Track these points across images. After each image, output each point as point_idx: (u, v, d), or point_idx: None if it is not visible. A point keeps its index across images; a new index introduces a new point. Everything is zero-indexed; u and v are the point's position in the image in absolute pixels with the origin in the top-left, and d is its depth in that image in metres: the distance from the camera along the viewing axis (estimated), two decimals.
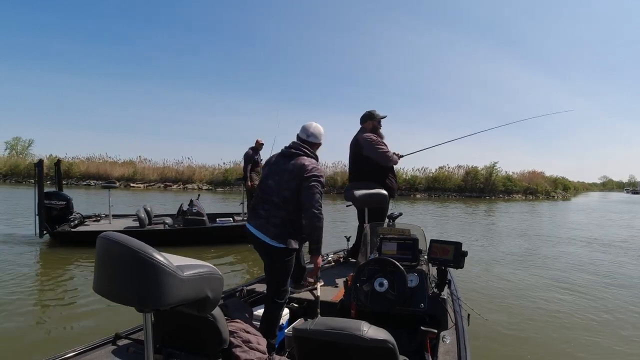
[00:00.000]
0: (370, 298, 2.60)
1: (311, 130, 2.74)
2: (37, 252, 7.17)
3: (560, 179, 38.32)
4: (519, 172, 34.15)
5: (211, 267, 1.31)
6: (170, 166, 33.48)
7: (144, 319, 1.26)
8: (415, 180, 30.70)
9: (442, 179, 30.80)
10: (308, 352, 1.64)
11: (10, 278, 5.35)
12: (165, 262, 1.15)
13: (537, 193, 32.11)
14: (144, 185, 30.89)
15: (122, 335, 2.16)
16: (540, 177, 34.63)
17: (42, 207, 7.45)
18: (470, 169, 31.68)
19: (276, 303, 2.61)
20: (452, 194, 29.94)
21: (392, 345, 1.48)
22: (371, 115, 4.28)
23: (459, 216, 15.62)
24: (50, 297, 4.79)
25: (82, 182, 31.68)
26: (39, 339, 3.63)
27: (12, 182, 32.17)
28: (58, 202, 7.82)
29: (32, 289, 5.03)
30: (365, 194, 3.72)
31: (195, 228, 7.96)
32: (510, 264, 7.08)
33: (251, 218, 2.67)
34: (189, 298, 1.22)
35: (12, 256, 6.65)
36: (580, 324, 4.22)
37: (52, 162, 11.17)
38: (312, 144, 2.74)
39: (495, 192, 30.43)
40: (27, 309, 4.31)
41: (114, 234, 1.20)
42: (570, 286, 5.60)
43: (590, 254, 8.12)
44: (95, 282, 1.22)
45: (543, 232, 11.42)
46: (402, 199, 25.24)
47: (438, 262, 2.73)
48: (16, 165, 34.20)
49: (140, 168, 32.93)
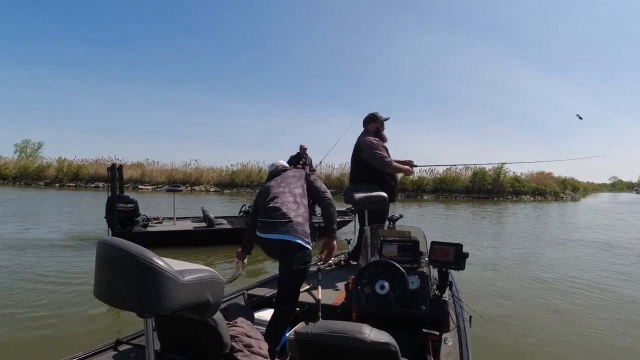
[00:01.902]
0: (372, 301, 2.59)
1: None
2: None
3: (569, 179, 37.97)
4: (527, 173, 33.83)
5: (212, 272, 1.31)
6: (177, 168, 33.73)
7: (145, 324, 1.25)
8: (423, 182, 30.59)
9: (449, 180, 30.66)
10: (309, 356, 1.63)
11: (61, 278, 5.51)
12: (166, 267, 1.14)
13: (545, 194, 31.84)
14: (152, 188, 31.10)
15: (123, 340, 2.16)
16: (549, 178, 34.25)
17: (115, 209, 7.81)
18: (478, 169, 31.53)
19: (289, 308, 2.65)
20: (460, 195, 29.80)
21: (394, 348, 1.47)
22: (374, 117, 4.28)
23: (465, 218, 15.56)
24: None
25: (91, 184, 32.00)
26: (42, 340, 3.68)
27: (21, 184, 32.56)
28: (127, 205, 8.12)
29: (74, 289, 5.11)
30: (364, 197, 3.72)
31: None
32: (514, 265, 7.03)
33: (267, 227, 2.65)
34: (190, 303, 1.22)
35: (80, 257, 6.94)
36: (585, 327, 4.18)
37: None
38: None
39: (504, 193, 30.21)
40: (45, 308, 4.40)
41: (114, 239, 1.19)
42: (576, 289, 5.54)
43: (597, 257, 8.03)
44: (96, 287, 1.21)
45: (550, 234, 11.33)
46: (409, 200, 25.19)
47: (439, 264, 2.72)
48: (25, 167, 34.62)
49: (148, 170, 33.19)
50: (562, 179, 36.46)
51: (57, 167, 33.94)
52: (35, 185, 31.57)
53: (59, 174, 33.33)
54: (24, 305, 4.48)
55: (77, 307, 4.46)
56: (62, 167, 33.63)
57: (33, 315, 4.23)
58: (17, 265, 6.25)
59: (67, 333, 3.87)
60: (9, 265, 6.19)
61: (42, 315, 4.24)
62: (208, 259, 7.09)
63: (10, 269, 5.99)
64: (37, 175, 33.54)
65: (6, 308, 4.39)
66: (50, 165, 34.70)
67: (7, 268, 6.04)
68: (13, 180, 33.71)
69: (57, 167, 33.85)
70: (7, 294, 4.82)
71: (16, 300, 4.66)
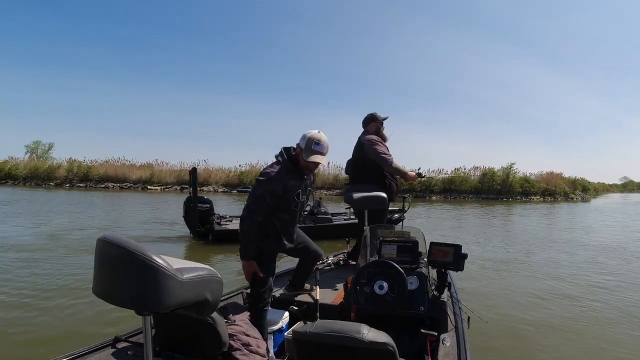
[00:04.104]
0: (370, 300, 2.60)
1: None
2: (190, 248, 8.39)
3: (580, 179, 37.52)
4: (536, 173, 33.55)
5: (211, 270, 1.31)
6: (186, 169, 33.93)
7: (143, 322, 1.26)
8: (431, 183, 30.46)
9: (458, 181, 30.51)
10: (307, 355, 1.64)
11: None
12: (165, 265, 1.14)
13: (555, 194, 31.54)
14: (161, 188, 31.35)
15: (122, 338, 2.18)
16: (559, 178, 33.92)
17: (196, 210, 8.56)
18: (486, 170, 31.33)
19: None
20: (469, 196, 29.62)
21: (392, 348, 1.47)
22: (373, 118, 4.28)
23: (471, 219, 15.47)
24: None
25: (101, 184, 32.33)
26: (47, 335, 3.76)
27: (31, 184, 32.98)
28: (204, 205, 8.85)
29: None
30: (363, 197, 3.72)
31: (324, 225, 9.18)
32: (514, 267, 7.00)
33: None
34: (189, 301, 1.22)
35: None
36: (584, 329, 4.15)
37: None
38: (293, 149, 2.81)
39: (513, 194, 29.98)
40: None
41: (113, 236, 1.19)
42: (576, 292, 5.49)
43: (602, 259, 7.91)
44: (95, 284, 1.21)
45: (556, 236, 11.22)
46: (417, 201, 25.06)
47: (438, 265, 2.72)
48: (36, 168, 35.09)
49: (157, 171, 33.48)
50: (572, 179, 36.05)
51: (67, 167, 34.37)
52: (46, 186, 31.95)
53: (69, 174, 33.76)
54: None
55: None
56: (72, 167, 34.05)
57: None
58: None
59: (68, 330, 3.96)
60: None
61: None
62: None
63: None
64: (48, 176, 33.98)
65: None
66: (60, 165, 35.16)
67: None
68: (24, 180, 34.16)
69: (67, 168, 34.28)
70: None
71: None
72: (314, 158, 2.64)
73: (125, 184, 32.46)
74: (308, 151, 2.63)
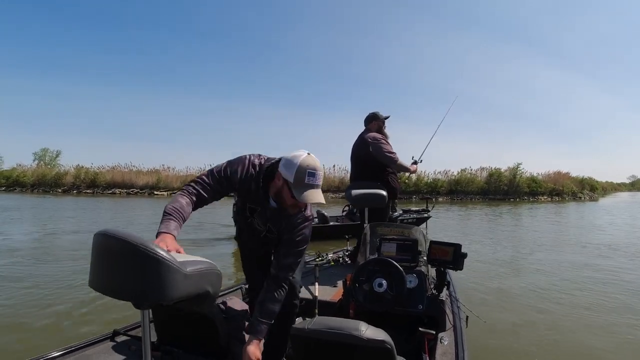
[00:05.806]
0: (369, 298, 2.59)
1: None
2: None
3: (587, 179, 37.29)
4: (543, 173, 33.33)
5: (211, 263, 1.31)
6: (193, 173, 34.12)
7: (142, 316, 1.26)
8: (437, 184, 30.36)
9: (464, 182, 30.38)
10: (306, 351, 1.64)
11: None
12: (170, 257, 1.14)
13: (563, 194, 31.32)
14: (168, 193, 31.52)
15: (121, 331, 2.18)
16: (566, 178, 33.67)
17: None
18: (493, 170, 31.18)
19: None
20: (475, 197, 29.47)
21: (390, 346, 1.47)
22: (375, 116, 4.30)
23: (474, 220, 15.40)
24: None
25: (108, 190, 32.58)
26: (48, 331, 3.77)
27: (39, 191, 33.28)
28: None
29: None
30: (362, 194, 3.72)
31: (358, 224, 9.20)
32: (515, 267, 6.94)
33: None
34: (192, 293, 1.23)
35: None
36: (584, 330, 4.10)
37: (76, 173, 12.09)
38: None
39: (520, 194, 29.80)
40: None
41: (115, 230, 1.18)
42: (576, 292, 5.39)
43: (606, 260, 7.77)
44: (92, 277, 1.20)
45: (561, 236, 11.10)
46: (423, 202, 24.95)
47: (437, 264, 2.70)
48: (43, 175, 35.46)
49: (164, 176, 33.71)
50: (580, 178, 35.79)
51: (74, 174, 34.69)
52: (53, 192, 32.24)
53: (76, 180, 34.07)
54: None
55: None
56: (79, 174, 34.36)
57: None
58: None
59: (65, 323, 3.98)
60: None
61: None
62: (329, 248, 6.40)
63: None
64: (55, 183, 34.31)
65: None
66: (67, 172, 35.50)
67: None
68: (31, 187, 34.50)
69: (74, 174, 34.60)
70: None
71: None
72: (311, 197, 1.76)
73: (132, 189, 32.72)
74: (300, 186, 1.75)
